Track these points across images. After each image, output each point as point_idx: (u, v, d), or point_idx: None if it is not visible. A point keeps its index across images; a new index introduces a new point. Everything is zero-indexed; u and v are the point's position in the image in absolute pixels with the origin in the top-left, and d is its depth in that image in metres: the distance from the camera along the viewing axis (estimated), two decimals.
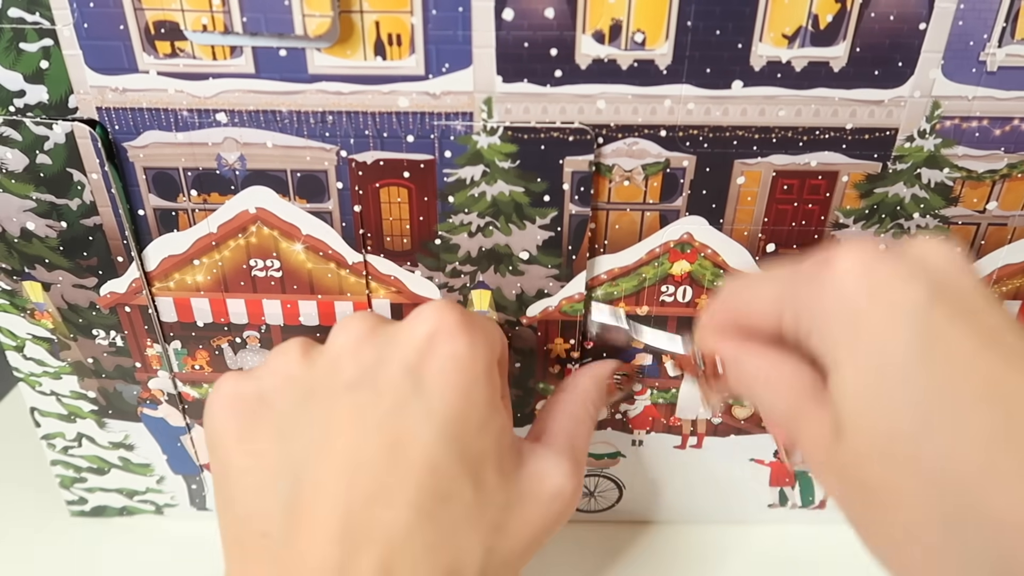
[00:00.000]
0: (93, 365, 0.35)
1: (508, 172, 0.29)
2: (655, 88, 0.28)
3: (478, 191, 0.29)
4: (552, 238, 0.30)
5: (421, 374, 0.24)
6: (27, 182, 0.30)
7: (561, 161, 0.28)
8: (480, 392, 0.24)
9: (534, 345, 0.34)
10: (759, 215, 0.31)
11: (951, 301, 0.21)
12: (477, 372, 0.24)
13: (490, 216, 0.30)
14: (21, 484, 0.43)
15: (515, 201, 0.29)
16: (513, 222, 0.30)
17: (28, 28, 0.27)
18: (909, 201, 0.30)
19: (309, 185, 0.30)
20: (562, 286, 0.32)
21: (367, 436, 0.23)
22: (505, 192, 0.29)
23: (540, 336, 0.34)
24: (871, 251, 0.22)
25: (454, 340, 0.24)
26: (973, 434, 0.19)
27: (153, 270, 0.32)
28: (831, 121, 0.28)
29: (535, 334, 0.33)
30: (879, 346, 0.21)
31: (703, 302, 0.33)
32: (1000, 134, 0.28)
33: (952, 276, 0.22)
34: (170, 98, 0.28)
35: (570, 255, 0.31)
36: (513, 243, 0.30)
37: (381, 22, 0.26)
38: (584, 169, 0.28)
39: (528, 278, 0.31)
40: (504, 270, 0.31)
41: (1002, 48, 0.27)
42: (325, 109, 0.28)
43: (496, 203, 0.30)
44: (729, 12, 0.26)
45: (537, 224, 0.30)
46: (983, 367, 0.20)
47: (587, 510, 0.41)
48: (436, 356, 0.24)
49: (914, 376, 0.20)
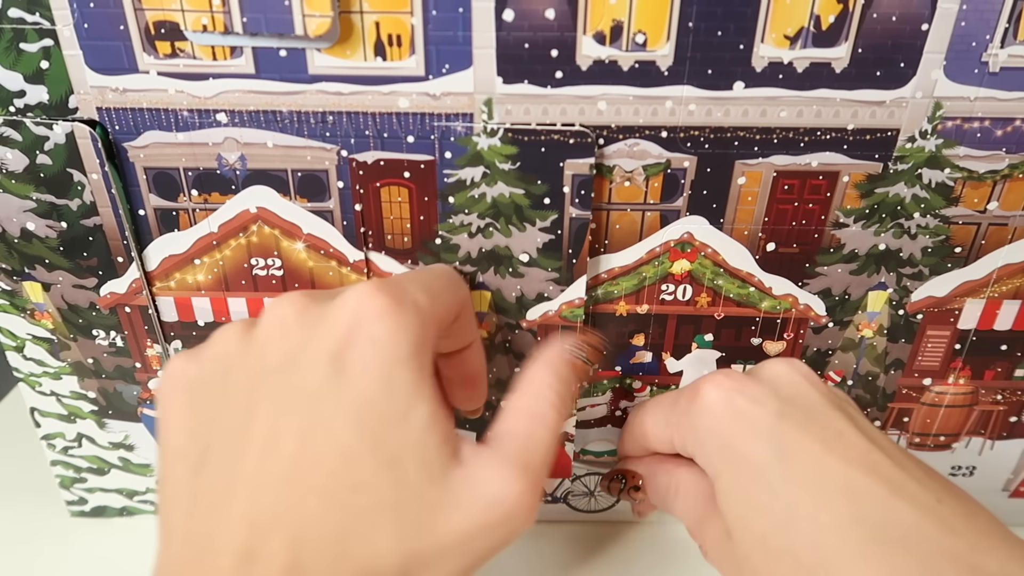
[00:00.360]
0: (93, 365, 0.35)
1: (508, 174, 0.28)
2: (656, 89, 0.28)
3: (478, 192, 0.29)
4: (552, 241, 0.30)
5: (342, 359, 0.23)
6: (27, 182, 0.30)
7: (561, 164, 0.28)
8: (401, 379, 0.23)
9: (534, 349, 0.33)
10: (759, 215, 0.31)
11: (798, 414, 0.26)
12: (399, 358, 0.23)
13: (490, 217, 0.30)
14: (21, 484, 0.43)
15: (515, 203, 0.29)
16: (513, 224, 0.29)
17: (28, 28, 0.26)
18: (910, 201, 0.30)
19: (310, 184, 0.30)
20: (562, 290, 0.31)
21: (282, 420, 0.22)
22: (505, 194, 0.29)
23: (539, 341, 0.33)
24: (731, 381, 0.27)
25: (377, 324, 0.23)
26: (827, 524, 0.24)
27: (154, 270, 0.32)
28: (832, 122, 0.28)
29: (535, 339, 0.33)
30: (744, 460, 0.26)
31: (702, 299, 0.33)
32: (1002, 135, 0.28)
33: (799, 392, 0.27)
34: (170, 98, 0.28)
35: (570, 259, 0.30)
36: (513, 245, 0.30)
37: (381, 23, 0.26)
38: (585, 172, 0.27)
39: (528, 281, 0.31)
40: (504, 272, 0.31)
41: (1004, 49, 0.27)
42: (325, 109, 0.28)
43: (496, 204, 0.29)
44: (730, 13, 0.26)
45: (537, 226, 0.29)
46: (829, 467, 0.24)
47: (587, 510, 0.41)
48: (357, 341, 0.23)
49: (775, 480, 0.25)
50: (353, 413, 0.22)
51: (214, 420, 0.24)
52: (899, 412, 0.37)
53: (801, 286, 0.33)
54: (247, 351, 0.24)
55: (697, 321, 0.34)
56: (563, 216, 0.29)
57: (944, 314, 0.33)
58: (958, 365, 0.35)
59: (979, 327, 0.34)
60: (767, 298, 0.33)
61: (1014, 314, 0.33)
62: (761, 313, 0.33)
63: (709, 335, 0.34)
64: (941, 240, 0.31)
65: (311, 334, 0.24)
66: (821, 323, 0.34)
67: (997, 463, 0.38)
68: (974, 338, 0.34)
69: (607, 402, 0.37)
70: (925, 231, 0.31)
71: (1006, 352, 0.34)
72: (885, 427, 0.37)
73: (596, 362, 0.34)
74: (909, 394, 0.36)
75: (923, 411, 0.37)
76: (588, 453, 0.38)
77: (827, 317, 0.34)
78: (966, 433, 0.37)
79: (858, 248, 0.31)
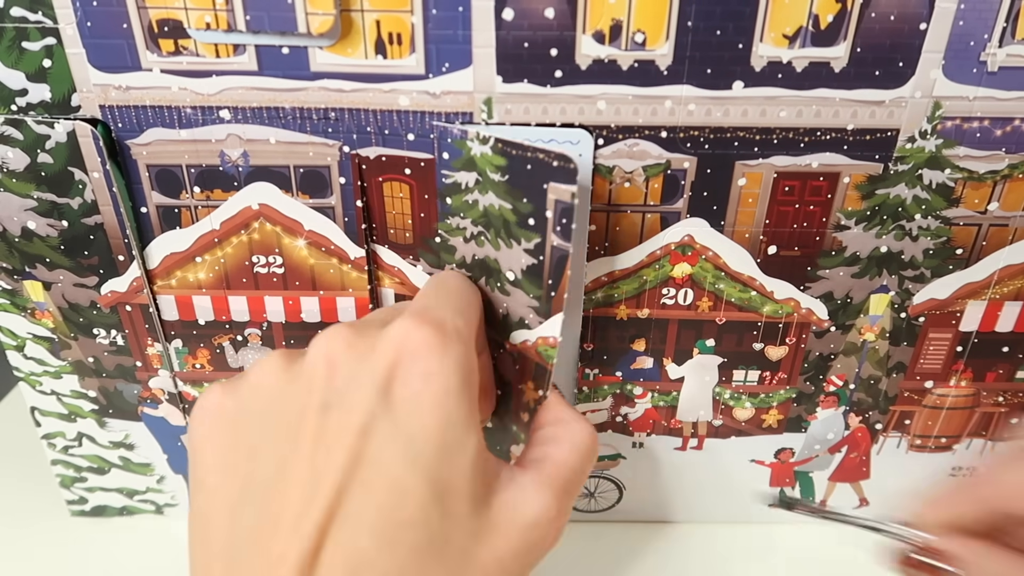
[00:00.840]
0: (94, 364, 0.35)
1: (498, 185, 0.28)
2: (656, 89, 0.28)
3: (471, 198, 0.29)
4: (534, 266, 0.28)
5: (391, 392, 0.23)
6: (28, 181, 0.30)
7: (545, 186, 0.26)
8: (453, 411, 0.23)
9: (512, 377, 0.31)
10: (760, 217, 0.31)
11: None
12: (449, 389, 0.23)
13: (482, 226, 0.29)
14: (21, 484, 0.43)
15: (504, 217, 0.28)
16: (502, 238, 0.28)
17: (30, 27, 0.27)
18: (911, 202, 0.30)
19: (312, 181, 0.30)
20: (540, 322, 0.29)
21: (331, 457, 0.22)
22: (495, 205, 0.28)
23: (517, 370, 0.31)
24: None
25: (426, 357, 0.23)
26: None
27: (155, 268, 0.32)
28: (832, 122, 0.28)
29: (515, 366, 0.31)
30: None
31: (703, 303, 0.33)
32: (1001, 134, 0.28)
33: None
34: (173, 95, 0.28)
35: (549, 291, 0.28)
36: (502, 260, 0.29)
37: (382, 21, 0.26)
38: (567, 200, 0.25)
39: (513, 301, 0.29)
40: (493, 284, 0.29)
41: (1003, 48, 0.27)
42: (327, 106, 0.28)
43: (487, 214, 0.28)
44: (729, 12, 0.26)
45: (523, 246, 0.28)
46: None
47: (587, 510, 0.41)
48: (407, 374, 0.23)
49: None
50: (406, 447, 0.22)
51: (253, 457, 0.23)
52: (901, 415, 0.37)
53: (803, 290, 0.33)
54: (290, 386, 0.24)
55: (698, 326, 0.34)
56: (545, 242, 0.27)
57: (946, 316, 0.33)
58: (960, 367, 0.35)
59: (981, 329, 0.33)
60: (769, 302, 0.33)
61: (1015, 316, 0.33)
62: (763, 318, 0.33)
63: (711, 340, 0.34)
64: (942, 242, 0.31)
65: (358, 368, 0.23)
66: (823, 327, 0.34)
67: None
68: (976, 340, 0.34)
69: (608, 408, 0.37)
70: (926, 233, 0.31)
71: (1008, 354, 0.34)
72: (886, 430, 0.37)
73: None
74: (911, 397, 0.36)
75: (925, 413, 0.36)
76: None
77: (829, 321, 0.33)
78: (967, 435, 0.37)
79: (859, 251, 0.31)
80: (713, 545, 0.41)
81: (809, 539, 0.41)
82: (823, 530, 0.41)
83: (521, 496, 0.24)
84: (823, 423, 0.37)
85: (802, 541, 0.41)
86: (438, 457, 0.22)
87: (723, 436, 0.37)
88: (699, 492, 0.40)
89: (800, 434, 0.37)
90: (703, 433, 0.37)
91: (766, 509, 0.40)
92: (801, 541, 0.41)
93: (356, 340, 0.24)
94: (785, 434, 0.37)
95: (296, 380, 0.24)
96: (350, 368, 0.23)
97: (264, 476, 0.23)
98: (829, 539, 0.40)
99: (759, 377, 0.35)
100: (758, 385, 0.36)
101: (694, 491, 0.40)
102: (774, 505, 0.38)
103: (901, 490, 0.39)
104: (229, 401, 0.24)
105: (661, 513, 0.41)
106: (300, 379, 0.24)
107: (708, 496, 0.40)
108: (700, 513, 0.41)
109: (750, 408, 0.36)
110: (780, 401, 0.36)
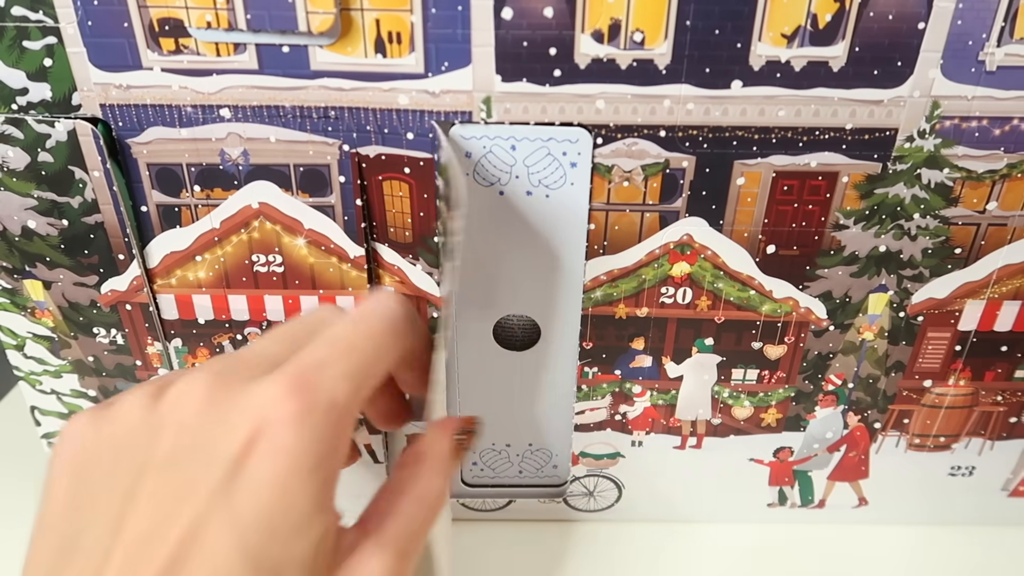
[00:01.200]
0: (94, 363, 0.35)
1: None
2: (654, 88, 0.28)
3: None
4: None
5: (240, 467, 0.21)
6: (28, 180, 0.30)
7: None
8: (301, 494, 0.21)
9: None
10: (759, 216, 0.31)
11: None
12: (300, 468, 0.21)
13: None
14: (21, 483, 0.43)
15: None
16: None
17: (31, 26, 0.27)
18: (909, 202, 0.30)
19: (312, 179, 0.30)
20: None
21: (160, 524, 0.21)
22: None
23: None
24: None
25: (283, 433, 0.21)
26: None
27: (155, 267, 0.32)
28: (831, 121, 0.28)
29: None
30: None
31: (702, 302, 0.33)
32: (1000, 134, 0.28)
33: None
34: (174, 94, 0.28)
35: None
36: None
37: (381, 20, 0.27)
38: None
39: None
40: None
41: (1001, 47, 0.27)
42: (327, 105, 0.28)
43: None
44: (728, 11, 0.26)
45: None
46: None
47: (587, 510, 0.41)
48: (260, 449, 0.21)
49: None
50: (239, 528, 0.21)
51: (92, 504, 0.22)
52: (899, 414, 0.37)
53: (802, 289, 0.33)
54: (143, 430, 0.22)
55: (697, 325, 0.34)
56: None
57: (944, 316, 0.33)
58: (958, 367, 0.35)
59: (979, 328, 0.34)
60: (768, 301, 0.33)
61: (1014, 315, 0.33)
62: (762, 317, 0.33)
63: (709, 339, 0.34)
64: (941, 241, 0.31)
65: (212, 432, 0.22)
66: (822, 326, 0.34)
67: (996, 463, 0.38)
68: (974, 339, 0.34)
69: (607, 406, 0.37)
70: (925, 232, 0.31)
71: (1006, 353, 0.34)
72: (885, 429, 0.37)
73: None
74: (909, 396, 0.36)
75: (923, 412, 0.36)
76: (587, 456, 0.38)
77: (828, 320, 0.33)
78: (966, 434, 0.37)
79: (858, 250, 0.31)
80: (713, 544, 0.41)
81: (808, 539, 0.41)
82: (822, 530, 0.41)
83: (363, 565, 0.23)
84: (822, 422, 0.37)
85: (801, 541, 0.41)
86: (270, 542, 0.21)
87: (722, 435, 0.37)
88: (698, 491, 0.40)
89: (799, 433, 0.37)
90: (702, 432, 0.37)
91: (765, 509, 0.40)
92: (800, 541, 0.41)
93: (219, 396, 0.22)
94: (784, 433, 0.37)
95: (148, 424, 0.22)
96: (204, 430, 0.22)
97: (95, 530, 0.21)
98: (828, 539, 0.40)
99: (758, 376, 0.35)
100: (757, 384, 0.36)
101: (693, 490, 0.40)
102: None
103: (900, 489, 0.39)
104: (90, 432, 0.23)
105: (660, 512, 0.41)
106: (152, 424, 0.22)
107: (707, 495, 0.40)
108: (699, 512, 0.41)
109: (749, 407, 0.36)
110: (779, 400, 0.36)
